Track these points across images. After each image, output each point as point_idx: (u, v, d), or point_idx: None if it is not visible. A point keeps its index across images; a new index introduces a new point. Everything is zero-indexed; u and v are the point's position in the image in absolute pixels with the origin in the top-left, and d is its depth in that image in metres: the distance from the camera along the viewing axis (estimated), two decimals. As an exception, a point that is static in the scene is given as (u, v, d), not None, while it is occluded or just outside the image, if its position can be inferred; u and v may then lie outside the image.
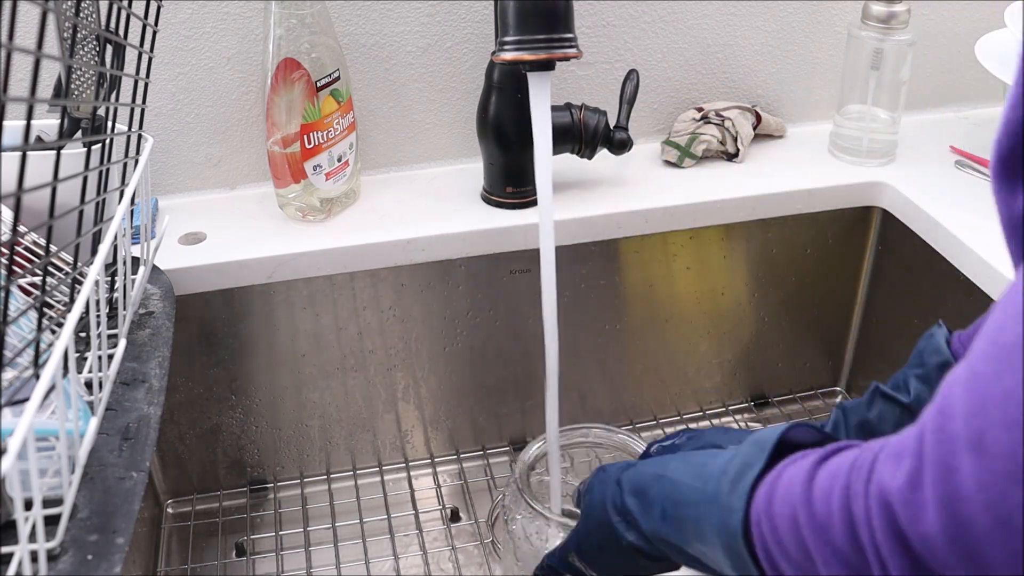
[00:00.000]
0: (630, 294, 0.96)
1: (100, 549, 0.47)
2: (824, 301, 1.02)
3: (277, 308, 0.87)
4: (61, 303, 0.62)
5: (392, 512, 0.92)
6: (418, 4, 0.89)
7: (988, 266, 0.79)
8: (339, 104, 0.83)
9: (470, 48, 0.92)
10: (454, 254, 0.88)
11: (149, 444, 0.55)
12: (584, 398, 1.00)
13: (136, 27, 0.61)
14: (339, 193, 0.87)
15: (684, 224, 0.92)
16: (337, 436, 0.96)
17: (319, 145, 0.83)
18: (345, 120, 0.85)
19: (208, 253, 0.84)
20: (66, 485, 0.48)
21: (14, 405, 0.46)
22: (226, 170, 0.93)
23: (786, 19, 0.99)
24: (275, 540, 0.90)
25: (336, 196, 0.87)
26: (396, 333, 0.91)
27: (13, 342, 0.50)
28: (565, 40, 0.60)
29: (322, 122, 0.83)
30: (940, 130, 1.04)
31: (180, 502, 0.94)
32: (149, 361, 0.64)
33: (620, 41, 0.96)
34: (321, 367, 0.91)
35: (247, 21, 0.86)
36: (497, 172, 0.89)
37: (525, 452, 0.75)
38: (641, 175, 0.95)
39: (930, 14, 1.02)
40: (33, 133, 0.58)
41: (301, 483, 0.96)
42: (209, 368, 0.89)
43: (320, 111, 0.82)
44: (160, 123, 0.89)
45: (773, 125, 1.01)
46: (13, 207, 0.37)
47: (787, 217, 0.95)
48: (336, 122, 0.84)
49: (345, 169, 0.86)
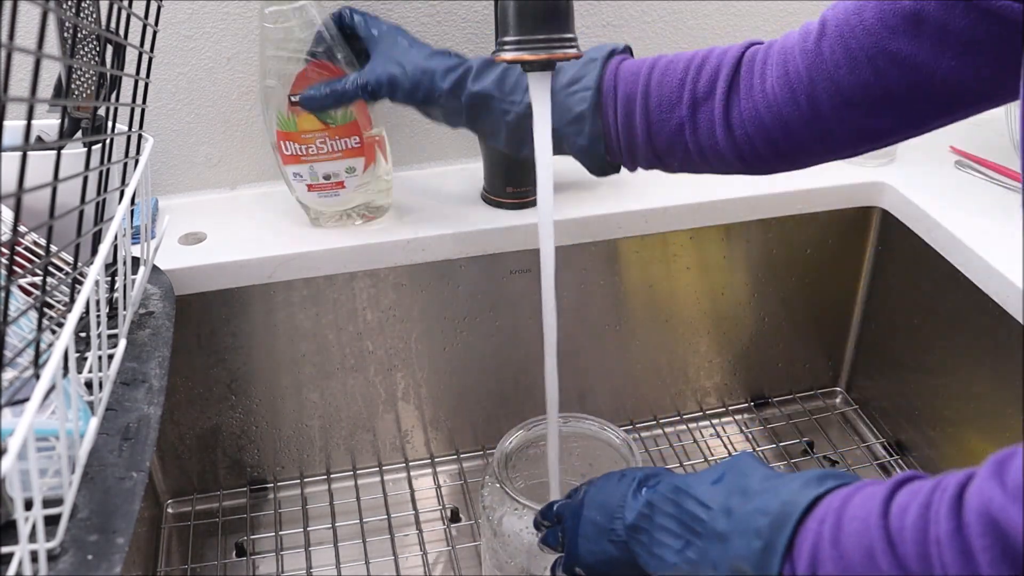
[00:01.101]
0: (630, 294, 0.96)
1: (100, 549, 0.47)
2: (824, 301, 1.02)
3: (277, 308, 0.87)
4: (61, 303, 0.62)
5: (392, 512, 0.92)
6: (418, 4, 0.89)
7: (988, 266, 0.79)
8: (325, 125, 0.80)
9: (470, 48, 0.92)
10: (454, 254, 0.88)
11: (149, 444, 0.55)
12: (584, 398, 1.00)
13: (136, 27, 0.61)
14: (338, 209, 0.86)
15: (684, 224, 0.92)
16: (337, 436, 0.96)
17: (297, 156, 0.82)
18: (339, 143, 0.81)
19: (208, 253, 0.84)
20: (66, 485, 0.48)
21: (14, 405, 0.46)
22: (226, 170, 0.93)
23: (786, 19, 0.99)
24: (275, 540, 0.90)
25: (340, 209, 0.86)
26: (396, 333, 0.91)
27: (13, 342, 0.50)
28: (565, 40, 0.60)
29: (299, 135, 0.80)
30: (940, 130, 1.04)
31: (180, 502, 0.94)
32: (149, 361, 0.64)
33: (620, 41, 0.96)
34: (321, 367, 0.91)
35: (247, 21, 0.86)
36: (497, 172, 0.89)
37: (501, 445, 0.74)
38: (641, 175, 0.94)
39: (930, 14, 1.02)
40: (33, 133, 0.58)
41: (301, 483, 0.96)
42: (209, 368, 0.89)
43: (296, 125, 0.80)
44: (160, 123, 0.89)
45: (773, 125, 1.01)
46: (13, 207, 0.37)
47: (787, 217, 0.95)
48: (321, 141, 0.81)
49: (338, 190, 0.84)
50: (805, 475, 0.46)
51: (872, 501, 0.40)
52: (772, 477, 0.48)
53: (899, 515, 0.38)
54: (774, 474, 0.48)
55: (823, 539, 0.42)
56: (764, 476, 0.48)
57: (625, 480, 0.55)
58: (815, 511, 0.43)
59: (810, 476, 0.46)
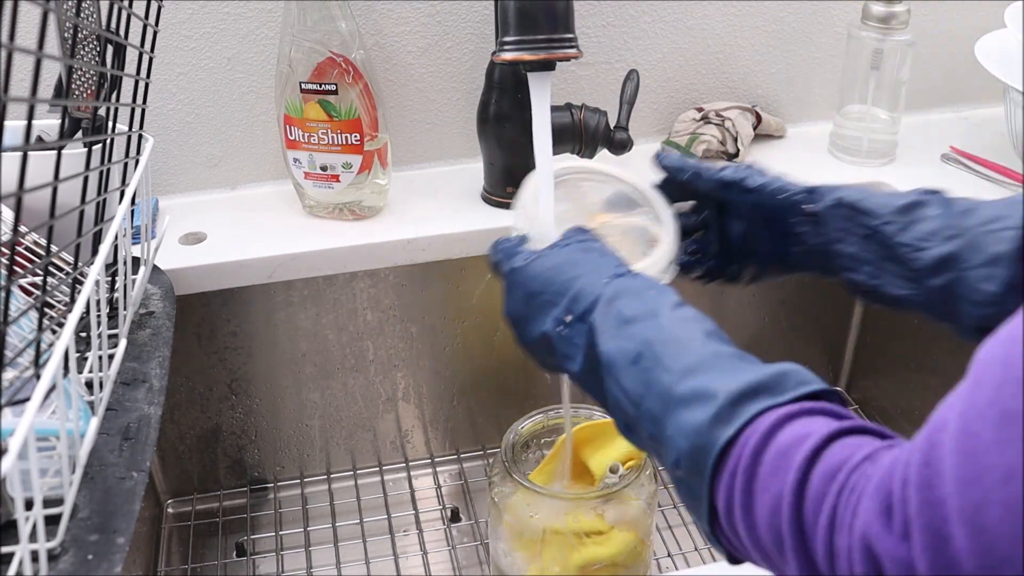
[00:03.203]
0: (630, 294, 0.96)
1: (100, 549, 0.47)
2: (824, 301, 1.02)
3: (277, 308, 0.87)
4: (62, 303, 0.62)
5: (392, 512, 0.92)
6: (418, 4, 0.89)
7: (988, 266, 0.79)
8: (329, 117, 0.82)
9: (470, 48, 0.92)
10: (454, 254, 0.88)
11: (149, 444, 0.55)
12: (584, 397, 1.00)
13: (136, 27, 0.61)
14: (330, 201, 0.87)
15: (684, 224, 0.92)
16: (337, 436, 0.96)
17: (299, 142, 0.84)
18: (339, 137, 0.83)
19: (208, 253, 0.84)
20: (67, 485, 0.48)
21: (15, 405, 0.46)
22: (226, 170, 0.93)
23: (786, 19, 0.99)
24: (275, 540, 0.90)
25: (332, 202, 0.87)
26: (396, 333, 0.91)
27: (14, 342, 0.50)
28: (565, 40, 0.60)
29: (304, 123, 0.82)
30: (940, 130, 1.04)
31: (180, 502, 0.94)
32: (149, 361, 0.64)
33: (620, 41, 0.96)
34: (321, 367, 0.91)
35: (247, 21, 0.86)
36: (497, 172, 0.89)
37: (513, 429, 0.72)
38: (641, 175, 0.95)
39: (930, 14, 1.02)
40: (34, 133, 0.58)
41: (301, 483, 0.96)
42: (209, 368, 0.89)
43: (302, 112, 0.82)
44: (160, 123, 0.89)
45: (773, 125, 1.01)
46: (14, 207, 0.37)
47: (787, 217, 0.95)
48: (323, 132, 0.83)
49: (332, 183, 0.85)
50: (731, 361, 0.43)
51: (787, 474, 0.37)
52: (686, 375, 0.43)
53: (813, 504, 0.36)
54: (704, 350, 0.45)
55: (735, 488, 0.39)
56: (680, 373, 0.43)
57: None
58: (736, 441, 0.39)
59: (736, 372, 0.42)
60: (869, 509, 0.33)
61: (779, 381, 0.41)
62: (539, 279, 0.53)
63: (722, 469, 0.40)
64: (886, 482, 0.33)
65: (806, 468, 0.36)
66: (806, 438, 0.37)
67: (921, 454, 0.31)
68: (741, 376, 0.41)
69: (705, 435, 0.40)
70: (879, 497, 0.33)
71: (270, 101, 0.89)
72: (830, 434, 0.37)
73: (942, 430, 0.31)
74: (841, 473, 0.35)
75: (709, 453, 0.40)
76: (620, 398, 0.47)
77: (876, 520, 0.32)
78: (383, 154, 0.86)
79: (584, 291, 0.51)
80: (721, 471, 0.40)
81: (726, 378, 0.42)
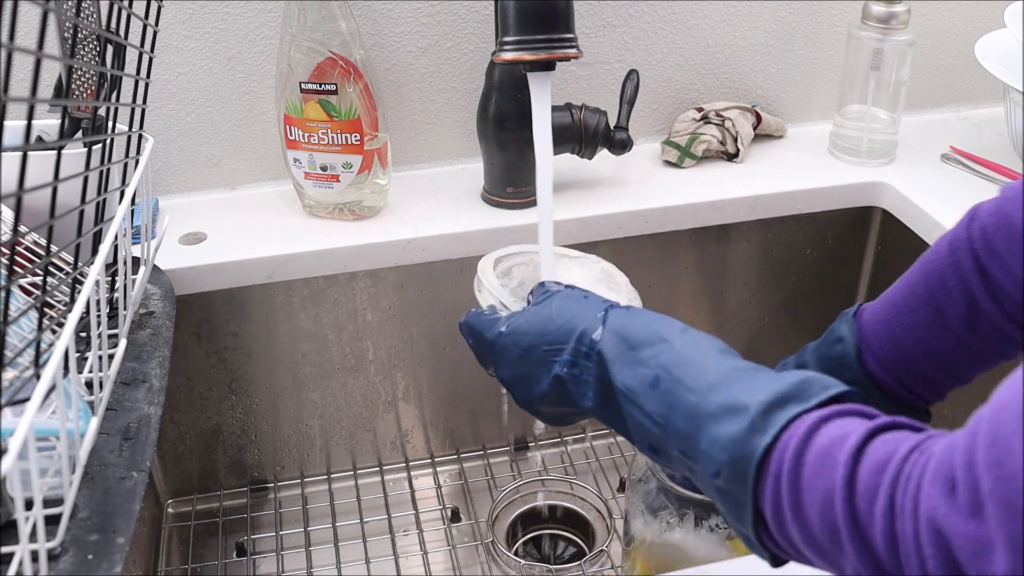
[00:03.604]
0: (630, 294, 0.96)
1: (100, 549, 0.47)
2: (824, 301, 1.02)
3: (277, 308, 0.87)
4: (62, 303, 0.62)
5: (392, 512, 0.92)
6: (418, 4, 0.89)
7: (988, 266, 0.79)
8: (330, 117, 0.82)
9: (470, 48, 0.92)
10: (454, 254, 0.88)
11: (149, 444, 0.55)
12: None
13: (136, 27, 0.61)
14: (330, 201, 0.87)
15: (684, 224, 0.92)
16: (337, 436, 0.96)
17: (298, 142, 0.84)
18: (339, 137, 0.83)
19: (208, 253, 0.84)
20: (67, 485, 0.48)
21: (15, 405, 0.46)
22: (226, 170, 0.93)
23: (786, 19, 0.99)
24: (275, 540, 0.90)
25: (332, 202, 0.87)
26: (396, 333, 0.91)
27: (14, 342, 0.50)
28: (565, 40, 0.60)
29: (303, 123, 0.82)
30: (940, 130, 1.04)
31: (180, 502, 0.94)
32: (149, 361, 0.64)
33: (620, 41, 0.96)
34: (321, 367, 0.91)
35: (247, 21, 0.86)
36: (497, 172, 0.89)
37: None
38: (641, 175, 0.95)
39: (930, 14, 1.02)
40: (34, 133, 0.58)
41: (301, 483, 0.96)
42: (209, 368, 0.89)
43: (302, 112, 0.82)
44: (160, 123, 0.89)
45: (773, 125, 1.01)
46: (14, 207, 0.37)
47: (787, 217, 0.95)
48: (323, 132, 0.83)
49: (332, 183, 0.85)
50: (751, 374, 0.45)
51: (834, 471, 0.38)
52: (717, 372, 0.45)
53: (866, 495, 0.37)
54: (720, 369, 0.46)
55: (782, 490, 0.40)
56: (706, 388, 0.45)
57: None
58: (775, 447, 0.40)
59: (762, 384, 0.43)
60: (933, 494, 0.34)
61: (804, 388, 0.43)
62: (530, 334, 0.55)
63: (765, 474, 0.41)
64: (945, 468, 0.34)
65: (852, 464, 0.38)
66: (846, 438, 0.39)
67: (985, 436, 0.32)
68: (767, 387, 0.43)
69: (743, 445, 0.41)
70: (940, 481, 0.34)
71: (270, 101, 0.89)
72: (868, 432, 0.39)
73: (1005, 410, 0.31)
74: (892, 464, 0.36)
75: (750, 461, 0.41)
76: (643, 422, 0.48)
77: (942, 503, 0.33)
78: (383, 154, 0.86)
79: (584, 328, 0.52)
80: (764, 476, 0.41)
81: (753, 390, 0.43)
